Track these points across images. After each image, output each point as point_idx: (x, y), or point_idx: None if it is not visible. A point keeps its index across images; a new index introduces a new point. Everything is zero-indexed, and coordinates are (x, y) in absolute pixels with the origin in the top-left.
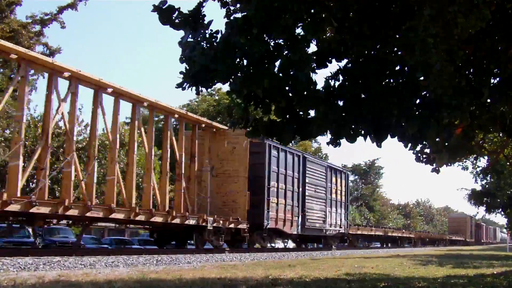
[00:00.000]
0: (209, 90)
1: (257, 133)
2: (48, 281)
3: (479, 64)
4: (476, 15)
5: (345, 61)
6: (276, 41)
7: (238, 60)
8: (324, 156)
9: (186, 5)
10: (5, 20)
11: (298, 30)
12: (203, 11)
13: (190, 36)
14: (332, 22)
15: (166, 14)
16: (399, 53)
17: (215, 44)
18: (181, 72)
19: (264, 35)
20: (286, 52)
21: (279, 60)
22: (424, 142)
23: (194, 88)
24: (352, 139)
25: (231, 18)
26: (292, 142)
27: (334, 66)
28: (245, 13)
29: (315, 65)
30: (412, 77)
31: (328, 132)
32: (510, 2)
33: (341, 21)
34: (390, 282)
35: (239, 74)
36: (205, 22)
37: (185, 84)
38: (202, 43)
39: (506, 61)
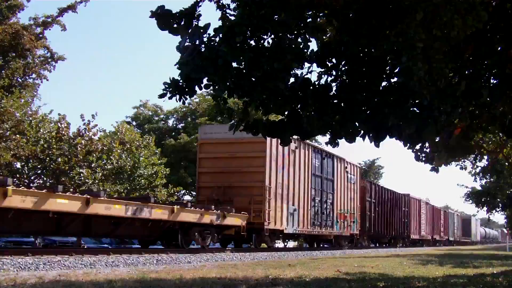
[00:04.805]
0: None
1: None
2: (48, 281)
3: (479, 64)
4: (473, 16)
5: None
6: (262, 49)
7: (220, 69)
8: None
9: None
10: (6, 21)
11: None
12: (199, 11)
13: (187, 40)
14: (333, 22)
15: (164, 20)
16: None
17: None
18: (164, 83)
19: (250, 42)
20: (269, 60)
21: (262, 68)
22: (424, 142)
23: (177, 97)
24: (350, 139)
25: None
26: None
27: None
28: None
29: (315, 64)
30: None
31: (328, 132)
32: (510, 1)
33: (341, 19)
34: (390, 282)
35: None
36: (201, 25)
37: (168, 94)
38: (201, 47)
39: (506, 61)
